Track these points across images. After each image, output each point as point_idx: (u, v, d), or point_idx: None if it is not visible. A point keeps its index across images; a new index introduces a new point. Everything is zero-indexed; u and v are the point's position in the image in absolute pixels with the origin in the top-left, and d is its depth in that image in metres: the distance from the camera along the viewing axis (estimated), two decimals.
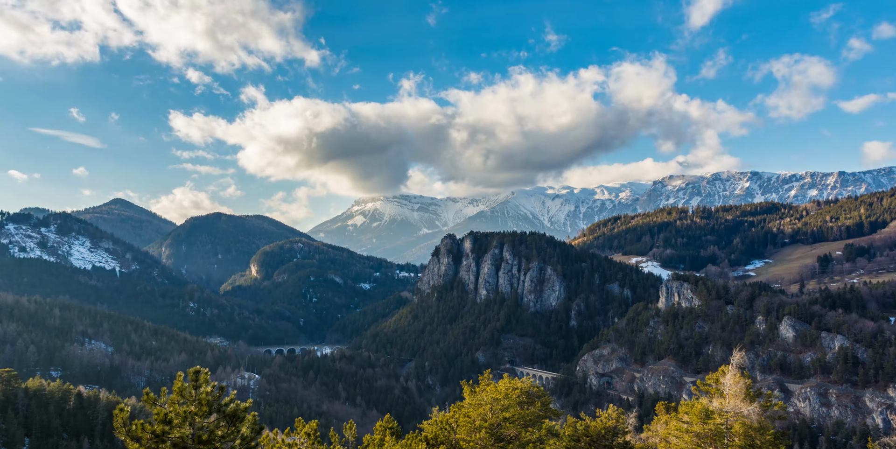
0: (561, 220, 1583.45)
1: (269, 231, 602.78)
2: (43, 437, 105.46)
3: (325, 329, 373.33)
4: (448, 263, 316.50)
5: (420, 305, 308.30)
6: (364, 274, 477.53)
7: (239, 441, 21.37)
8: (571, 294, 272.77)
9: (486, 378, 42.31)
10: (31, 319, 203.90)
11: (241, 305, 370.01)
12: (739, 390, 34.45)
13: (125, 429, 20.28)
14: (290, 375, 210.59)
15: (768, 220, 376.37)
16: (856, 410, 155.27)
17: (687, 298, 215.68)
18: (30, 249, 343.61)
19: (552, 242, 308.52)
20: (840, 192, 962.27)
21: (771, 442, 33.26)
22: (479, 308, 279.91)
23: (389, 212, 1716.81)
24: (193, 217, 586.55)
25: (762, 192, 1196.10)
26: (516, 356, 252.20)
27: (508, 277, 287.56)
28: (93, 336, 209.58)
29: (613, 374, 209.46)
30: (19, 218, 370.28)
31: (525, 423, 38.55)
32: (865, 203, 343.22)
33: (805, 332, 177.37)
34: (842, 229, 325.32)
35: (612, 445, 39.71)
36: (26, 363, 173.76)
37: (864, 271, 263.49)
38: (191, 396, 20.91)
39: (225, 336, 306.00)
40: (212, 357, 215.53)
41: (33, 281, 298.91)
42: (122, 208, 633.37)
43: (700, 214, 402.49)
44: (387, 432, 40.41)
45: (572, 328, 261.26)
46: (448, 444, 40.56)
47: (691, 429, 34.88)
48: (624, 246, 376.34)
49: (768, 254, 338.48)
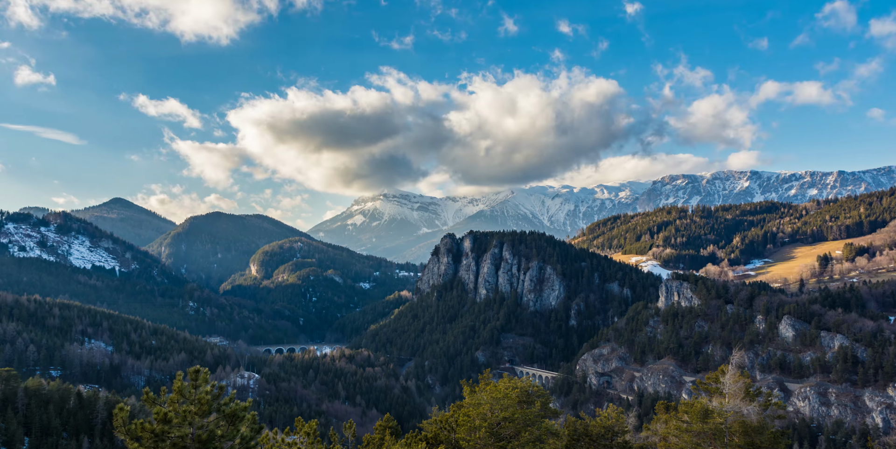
0: (560, 219, 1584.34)
1: (268, 230, 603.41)
2: (42, 436, 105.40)
3: (325, 328, 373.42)
4: (448, 262, 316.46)
5: (420, 304, 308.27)
6: (364, 273, 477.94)
7: (238, 440, 21.37)
8: (571, 293, 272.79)
9: (485, 377, 42.33)
10: (31, 318, 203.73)
11: (240, 304, 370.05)
12: (739, 390, 34.47)
13: (125, 428, 20.29)
14: (289, 374, 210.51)
15: (768, 219, 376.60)
16: (855, 409, 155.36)
17: (686, 298, 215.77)
18: (29, 248, 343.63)
19: (552, 241, 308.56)
20: (840, 192, 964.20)
21: (770, 441, 33.28)
22: (479, 307, 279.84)
23: (389, 211, 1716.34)
24: (193, 216, 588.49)
25: (762, 192, 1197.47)
26: (516, 356, 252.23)
27: (508, 277, 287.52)
28: (92, 335, 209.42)
29: (613, 373, 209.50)
30: (19, 217, 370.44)
31: (525, 422, 38.56)
32: (865, 202, 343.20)
33: (805, 331, 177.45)
34: (841, 229, 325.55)
35: (611, 444, 39.72)
36: (26, 362, 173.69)
37: (863, 271, 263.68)
38: (190, 396, 20.92)
39: (224, 335, 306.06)
40: (211, 356, 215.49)
41: (33, 280, 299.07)
42: (121, 208, 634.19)
43: (700, 214, 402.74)
44: (386, 432, 40.44)
45: (572, 328, 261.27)
46: (448, 443, 40.58)
47: (691, 428, 34.90)
48: (624, 245, 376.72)
49: (768, 253, 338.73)
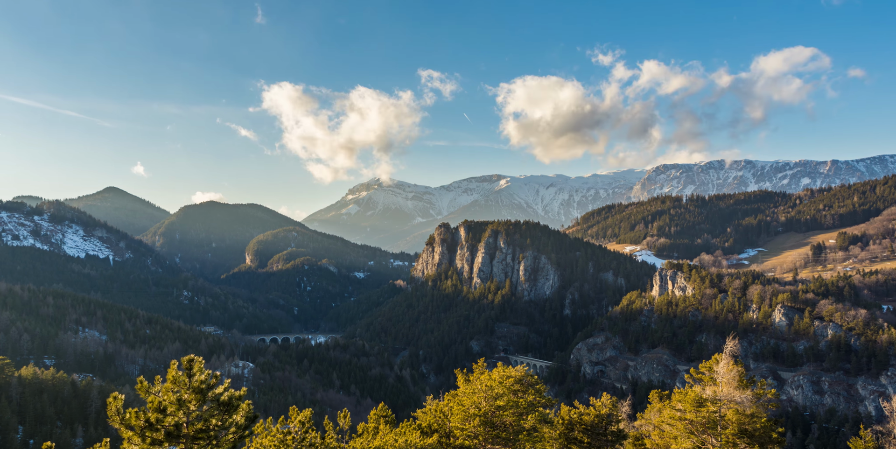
0: (555, 208, 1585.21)
1: (263, 220, 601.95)
2: (37, 425, 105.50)
3: (320, 318, 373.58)
4: (442, 251, 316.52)
5: (414, 293, 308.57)
6: (358, 263, 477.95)
7: (233, 429, 21.31)
8: (565, 283, 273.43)
9: (480, 367, 42.36)
10: (25, 307, 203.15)
11: (235, 293, 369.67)
12: (733, 378, 34.54)
13: (119, 417, 20.20)
14: (284, 363, 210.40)
15: (762, 208, 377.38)
16: (848, 397, 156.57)
17: (681, 287, 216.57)
18: (23, 237, 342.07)
19: (546, 230, 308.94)
20: (833, 181, 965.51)
21: (764, 429, 33.43)
22: (474, 297, 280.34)
23: (383, 201, 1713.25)
24: (187, 205, 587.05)
25: (756, 181, 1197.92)
26: (510, 345, 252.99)
27: (503, 266, 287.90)
28: (86, 324, 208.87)
29: (607, 362, 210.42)
30: (12, 206, 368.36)
31: (519, 411, 38.64)
32: (859, 191, 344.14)
33: (798, 320, 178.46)
34: (835, 218, 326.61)
35: (605, 433, 39.87)
36: (20, 351, 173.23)
37: (857, 260, 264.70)
38: (185, 385, 20.84)
39: (219, 325, 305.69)
40: (206, 346, 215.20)
41: (27, 269, 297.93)
42: (115, 196, 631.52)
43: (694, 203, 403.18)
44: (381, 421, 40.49)
45: (566, 317, 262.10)
46: (442, 432, 40.68)
47: (685, 417, 35.02)
48: (618, 235, 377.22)
49: (762, 242, 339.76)
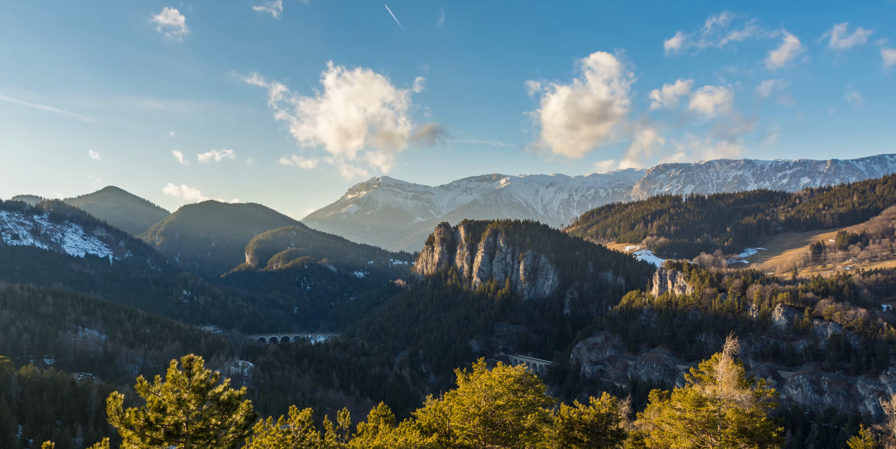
0: (555, 208, 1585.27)
1: (262, 219, 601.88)
2: (36, 424, 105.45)
3: (319, 317, 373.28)
4: (442, 251, 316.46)
5: (414, 293, 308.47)
6: (358, 262, 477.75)
7: (233, 429, 21.31)
8: (565, 282, 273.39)
9: (479, 366, 42.37)
10: (24, 306, 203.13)
11: (234, 292, 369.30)
12: (732, 378, 34.53)
13: (119, 416, 20.19)
14: (283, 363, 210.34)
15: (762, 207, 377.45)
16: (848, 396, 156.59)
17: (680, 286, 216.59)
18: (22, 236, 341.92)
19: (546, 230, 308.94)
20: (833, 180, 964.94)
21: (763, 429, 33.43)
22: (473, 296, 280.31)
23: (383, 200, 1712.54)
24: (187, 205, 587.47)
25: (755, 180, 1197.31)
26: (510, 344, 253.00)
27: (502, 266, 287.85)
28: (86, 324, 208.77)
29: (607, 361, 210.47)
30: (12, 206, 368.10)
31: (518, 410, 38.65)
32: (858, 191, 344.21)
33: (798, 319, 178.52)
34: (835, 217, 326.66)
35: (605, 432, 39.89)
36: (19, 351, 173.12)
37: (856, 259, 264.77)
38: (184, 384, 20.83)
39: (218, 324, 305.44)
40: (205, 345, 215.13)
41: (26, 268, 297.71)
42: (115, 196, 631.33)
43: (693, 202, 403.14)
44: (381, 420, 40.48)
45: (566, 316, 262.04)
46: (441, 431, 40.68)
47: (684, 416, 35.01)
48: (618, 234, 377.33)
49: (762, 241, 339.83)
